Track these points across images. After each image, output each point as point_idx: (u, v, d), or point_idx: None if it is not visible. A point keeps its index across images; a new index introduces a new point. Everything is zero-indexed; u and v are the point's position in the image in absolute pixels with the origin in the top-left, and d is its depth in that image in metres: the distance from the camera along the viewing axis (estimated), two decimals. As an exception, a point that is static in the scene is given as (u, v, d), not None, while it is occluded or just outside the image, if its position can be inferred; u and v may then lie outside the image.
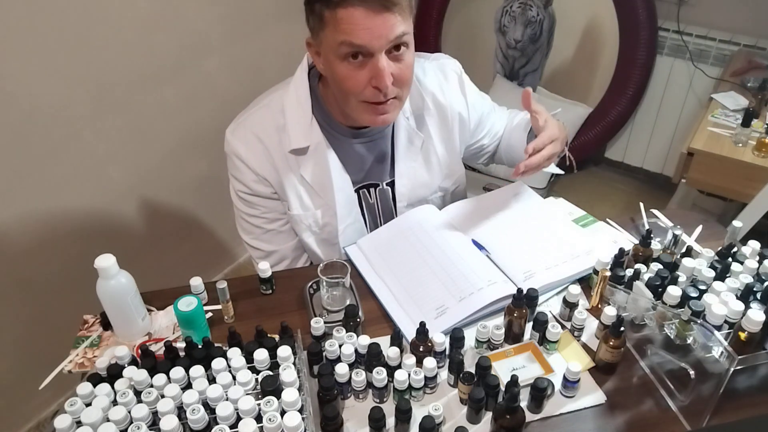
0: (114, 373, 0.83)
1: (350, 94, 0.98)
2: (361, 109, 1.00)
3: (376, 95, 0.97)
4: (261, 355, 0.84)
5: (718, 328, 0.86)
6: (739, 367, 0.77)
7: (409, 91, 1.05)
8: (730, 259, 1.01)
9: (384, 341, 0.90)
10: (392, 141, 1.15)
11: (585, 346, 0.96)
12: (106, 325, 0.99)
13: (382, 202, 1.20)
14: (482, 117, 1.27)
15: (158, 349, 0.93)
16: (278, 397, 0.77)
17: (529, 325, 0.96)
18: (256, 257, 1.19)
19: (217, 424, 0.75)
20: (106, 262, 0.89)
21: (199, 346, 0.88)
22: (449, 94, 1.18)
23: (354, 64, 0.94)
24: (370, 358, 0.86)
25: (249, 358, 0.84)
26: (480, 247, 1.11)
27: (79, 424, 0.76)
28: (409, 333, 0.94)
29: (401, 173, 1.17)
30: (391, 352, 0.87)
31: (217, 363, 0.82)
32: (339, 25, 0.90)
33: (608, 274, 0.99)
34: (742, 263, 0.99)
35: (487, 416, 0.85)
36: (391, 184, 1.19)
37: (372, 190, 1.18)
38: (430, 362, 0.85)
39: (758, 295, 0.92)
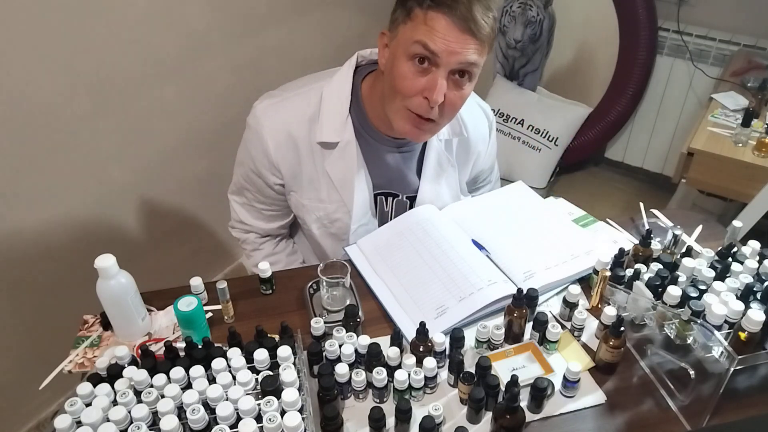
0: (114, 373, 0.83)
1: (399, 93, 0.97)
2: (401, 114, 1.00)
3: (421, 106, 0.97)
4: (261, 355, 0.84)
5: (718, 328, 0.86)
6: (739, 367, 0.77)
7: (447, 122, 1.06)
8: (730, 259, 1.01)
9: (384, 341, 0.90)
10: (420, 159, 1.16)
11: (585, 346, 0.96)
12: (106, 325, 0.99)
13: (396, 212, 1.21)
14: (485, 171, 1.34)
15: (158, 349, 0.93)
16: (278, 397, 0.77)
17: (529, 325, 0.96)
18: (232, 217, 1.25)
19: (217, 424, 0.75)
20: (106, 262, 0.89)
21: (199, 346, 0.88)
22: (477, 130, 1.22)
23: (417, 68, 0.94)
24: (370, 358, 0.86)
25: (249, 358, 0.84)
26: (480, 247, 1.11)
27: (79, 424, 0.76)
28: (409, 333, 0.94)
29: (425, 193, 1.18)
30: (391, 352, 0.87)
31: (217, 363, 0.82)
32: (424, 24, 0.91)
33: (608, 274, 0.99)
34: (742, 263, 0.99)
35: (487, 416, 0.85)
36: (411, 199, 1.19)
37: (390, 199, 1.19)
38: (430, 362, 0.85)
39: (758, 295, 0.92)
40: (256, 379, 0.82)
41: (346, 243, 1.17)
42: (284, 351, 0.84)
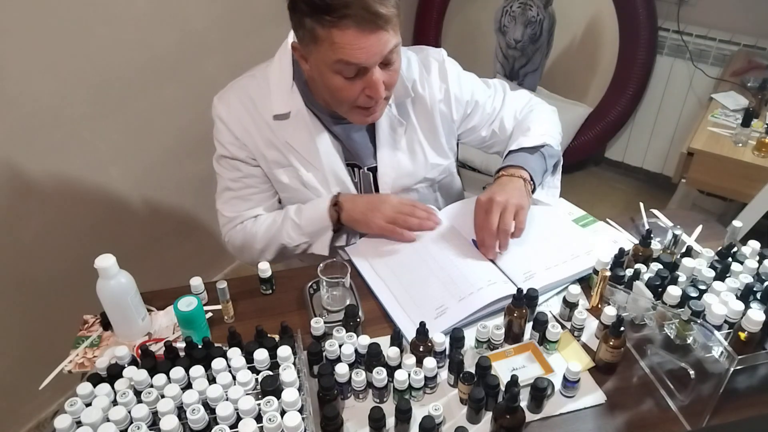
0: (114, 373, 0.83)
1: (344, 102, 1.00)
2: (352, 113, 1.04)
3: (368, 101, 1.00)
4: (261, 355, 0.84)
5: (718, 328, 0.86)
6: (739, 367, 0.77)
7: (392, 92, 1.07)
8: (730, 259, 1.01)
9: (384, 341, 0.90)
10: (374, 127, 1.15)
11: (585, 346, 0.96)
12: (106, 325, 0.99)
13: (364, 185, 1.21)
14: (472, 106, 1.22)
15: (158, 349, 0.93)
16: (278, 397, 0.77)
17: (529, 325, 0.96)
18: (221, 224, 1.22)
19: (217, 424, 0.75)
20: (106, 262, 0.89)
21: (199, 346, 0.88)
22: (429, 84, 1.17)
23: (348, 77, 0.96)
24: (370, 358, 0.86)
25: (249, 358, 0.84)
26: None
27: (79, 424, 0.76)
28: (409, 333, 0.94)
29: (384, 161, 1.17)
30: (391, 352, 0.87)
31: (217, 363, 0.82)
32: (334, 44, 0.91)
33: (608, 274, 0.99)
34: (742, 263, 0.99)
35: (487, 416, 0.85)
36: (373, 170, 1.19)
37: (356, 170, 1.19)
38: (430, 362, 0.85)
39: (758, 295, 0.92)
40: (256, 379, 0.82)
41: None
42: (284, 351, 0.84)
